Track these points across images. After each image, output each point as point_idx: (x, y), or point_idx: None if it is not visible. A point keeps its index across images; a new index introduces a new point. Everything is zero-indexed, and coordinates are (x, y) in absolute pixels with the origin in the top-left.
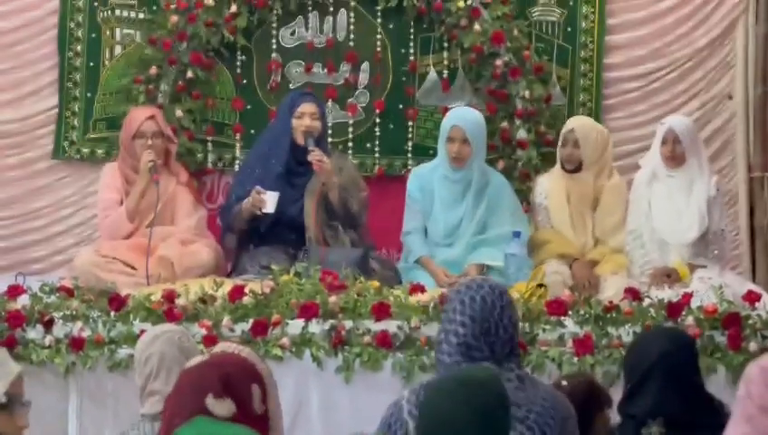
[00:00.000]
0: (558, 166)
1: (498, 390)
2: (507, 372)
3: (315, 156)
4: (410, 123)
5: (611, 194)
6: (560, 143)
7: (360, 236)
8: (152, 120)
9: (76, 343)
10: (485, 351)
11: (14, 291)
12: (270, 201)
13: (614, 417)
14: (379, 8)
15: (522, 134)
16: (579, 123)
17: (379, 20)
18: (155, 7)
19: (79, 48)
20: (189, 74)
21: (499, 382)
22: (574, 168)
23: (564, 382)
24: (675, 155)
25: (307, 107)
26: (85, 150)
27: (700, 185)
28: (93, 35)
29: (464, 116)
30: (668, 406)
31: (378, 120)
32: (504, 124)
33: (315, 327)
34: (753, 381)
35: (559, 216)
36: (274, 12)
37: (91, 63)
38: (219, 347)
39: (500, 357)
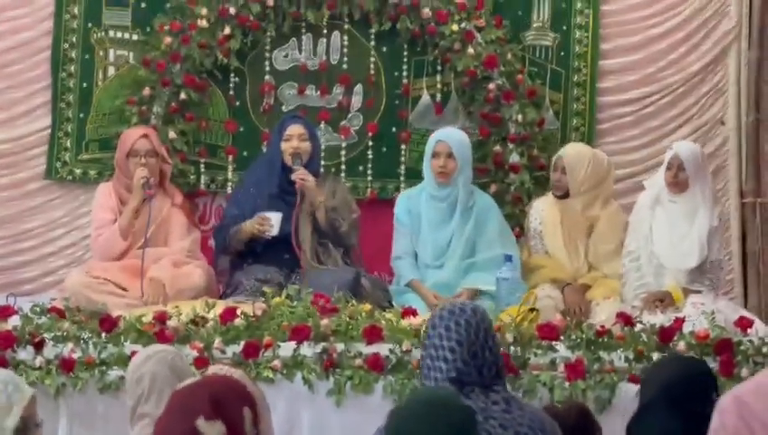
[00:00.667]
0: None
1: (464, 406)
2: (494, 395)
3: (298, 175)
4: (403, 146)
5: (607, 223)
6: (551, 168)
7: (351, 257)
8: (146, 138)
9: (66, 365)
10: (474, 375)
11: (5, 312)
12: (275, 223)
13: None
14: (372, 31)
15: (514, 158)
16: (570, 151)
17: (372, 43)
18: (149, 29)
19: (72, 69)
20: (182, 96)
21: (461, 399)
22: (561, 194)
23: (558, 406)
24: (677, 181)
25: (294, 129)
26: (77, 171)
27: (703, 214)
28: (87, 56)
29: (448, 133)
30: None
31: (370, 144)
32: (497, 148)
33: (307, 350)
34: (727, 411)
35: (552, 240)
36: (268, 34)
37: (85, 84)
38: (212, 370)
39: (488, 380)
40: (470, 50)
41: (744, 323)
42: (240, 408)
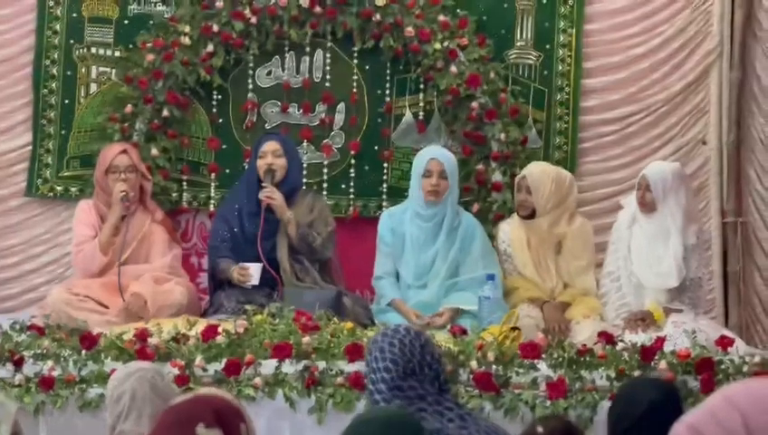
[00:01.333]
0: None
1: (414, 419)
2: (447, 412)
3: (264, 192)
4: (385, 165)
5: (576, 238)
6: (515, 189)
7: (328, 273)
8: (125, 154)
9: (46, 383)
10: (418, 389)
11: None
12: (255, 274)
13: None
14: (355, 49)
15: (497, 177)
16: (533, 170)
17: (355, 61)
18: (131, 45)
19: (54, 85)
20: (165, 113)
21: (412, 416)
22: (527, 214)
23: (540, 429)
24: (644, 202)
25: (269, 145)
26: (58, 188)
27: (675, 235)
28: (69, 73)
29: (440, 152)
30: None
31: (353, 162)
32: (480, 166)
33: (288, 367)
34: None
35: (522, 261)
36: (251, 52)
37: (66, 101)
38: (203, 392)
39: (433, 393)
40: (453, 68)
41: (724, 342)
42: (238, 423)
